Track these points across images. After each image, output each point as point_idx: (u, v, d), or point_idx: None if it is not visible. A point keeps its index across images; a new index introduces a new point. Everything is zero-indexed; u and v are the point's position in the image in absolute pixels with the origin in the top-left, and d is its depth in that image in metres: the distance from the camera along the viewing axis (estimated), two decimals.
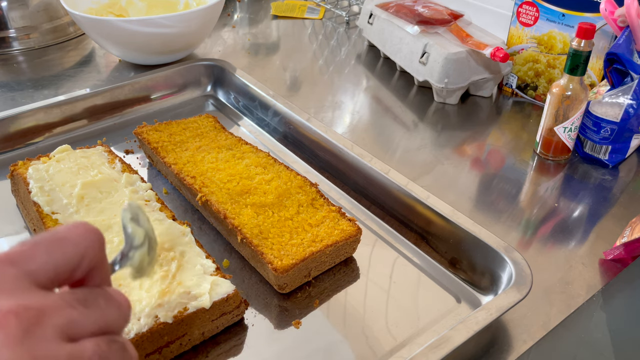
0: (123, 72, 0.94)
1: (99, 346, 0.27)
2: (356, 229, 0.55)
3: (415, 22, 0.89)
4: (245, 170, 0.62)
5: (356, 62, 1.01)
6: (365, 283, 0.55)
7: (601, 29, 0.74)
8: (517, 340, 0.49)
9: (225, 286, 0.47)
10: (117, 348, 0.28)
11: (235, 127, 0.81)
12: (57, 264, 0.28)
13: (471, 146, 0.77)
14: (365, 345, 0.48)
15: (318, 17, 1.21)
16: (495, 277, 0.52)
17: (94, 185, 0.57)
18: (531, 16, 0.82)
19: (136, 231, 0.37)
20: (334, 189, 0.68)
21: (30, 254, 0.27)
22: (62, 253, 0.28)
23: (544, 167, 0.73)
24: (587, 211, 0.65)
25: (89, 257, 0.29)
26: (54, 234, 0.28)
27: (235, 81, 0.85)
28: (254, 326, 0.50)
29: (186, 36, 0.90)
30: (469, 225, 0.55)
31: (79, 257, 0.28)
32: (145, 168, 0.71)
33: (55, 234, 0.28)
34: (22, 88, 0.89)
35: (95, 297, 0.29)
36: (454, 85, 0.84)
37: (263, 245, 0.52)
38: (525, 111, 0.85)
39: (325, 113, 0.84)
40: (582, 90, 0.68)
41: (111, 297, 0.30)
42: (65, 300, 0.27)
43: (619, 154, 0.72)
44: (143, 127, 0.70)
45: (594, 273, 0.56)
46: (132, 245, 0.37)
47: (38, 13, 1.03)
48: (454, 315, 0.51)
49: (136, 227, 0.38)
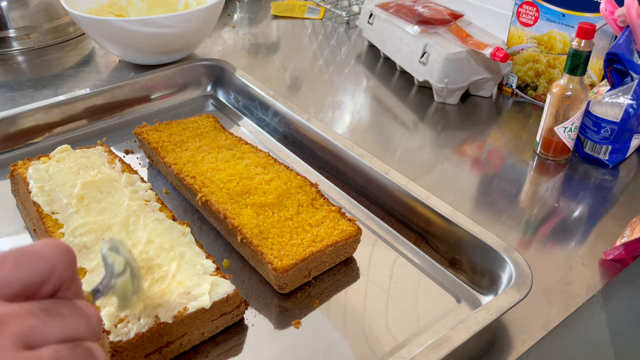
0: (123, 72, 0.94)
1: (58, 352, 0.27)
2: (356, 229, 0.55)
3: (415, 22, 0.89)
4: (245, 170, 0.62)
5: (356, 62, 1.01)
6: (365, 283, 0.55)
7: (601, 29, 0.74)
8: (517, 340, 0.49)
9: (225, 286, 0.47)
10: (80, 353, 0.28)
11: (235, 127, 0.81)
12: (23, 278, 0.27)
13: (471, 146, 0.77)
14: (365, 345, 0.48)
15: (318, 17, 1.21)
16: (495, 277, 0.52)
17: (94, 185, 0.57)
18: (531, 16, 0.82)
19: (115, 259, 0.37)
20: (334, 189, 0.68)
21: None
22: (30, 267, 0.28)
23: (544, 167, 0.73)
24: (587, 211, 0.65)
25: (58, 273, 0.29)
26: (23, 249, 0.28)
27: (235, 81, 0.85)
28: (254, 326, 0.50)
29: (186, 36, 0.90)
30: (469, 225, 0.55)
31: (47, 272, 0.28)
32: (145, 168, 0.71)
33: (24, 248, 0.28)
34: (22, 88, 0.89)
35: (59, 307, 0.28)
36: (454, 85, 0.84)
37: (263, 245, 0.52)
38: (525, 111, 0.85)
39: (325, 113, 0.84)
40: (582, 90, 0.68)
41: (78, 307, 0.29)
42: (26, 309, 0.27)
43: (619, 154, 0.72)
44: (143, 127, 0.70)
45: (594, 273, 0.56)
46: (113, 274, 0.37)
47: (38, 13, 1.03)
48: (454, 315, 0.51)
49: (115, 255, 0.38)
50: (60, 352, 0.27)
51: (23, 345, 0.26)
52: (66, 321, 0.28)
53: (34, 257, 0.28)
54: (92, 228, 0.51)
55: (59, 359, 0.26)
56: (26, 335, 0.26)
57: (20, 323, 0.26)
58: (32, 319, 0.27)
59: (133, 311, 0.43)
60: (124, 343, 0.42)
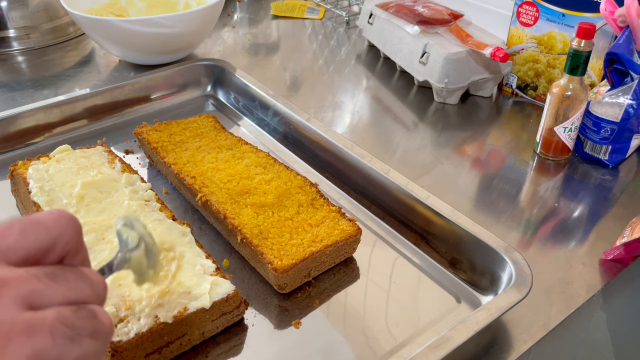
0: (123, 72, 0.94)
1: (61, 313, 0.27)
2: (356, 229, 0.55)
3: (415, 22, 0.89)
4: (245, 170, 0.62)
5: (356, 62, 1.01)
6: (365, 283, 0.55)
7: (601, 29, 0.74)
8: (517, 340, 0.49)
9: (225, 286, 0.47)
10: (84, 315, 0.28)
11: (235, 127, 0.81)
12: (28, 245, 0.28)
13: (471, 146, 0.77)
14: (365, 345, 0.48)
15: (318, 17, 1.21)
16: (495, 277, 0.52)
17: (94, 185, 0.57)
18: (531, 16, 0.82)
19: (129, 234, 0.38)
20: (334, 189, 0.68)
21: (3, 232, 0.28)
22: (35, 235, 0.28)
23: (544, 167, 0.73)
24: (587, 211, 0.65)
25: (63, 242, 0.29)
26: (29, 218, 0.29)
27: (235, 81, 0.85)
28: (254, 326, 0.50)
29: (186, 36, 0.90)
30: (469, 225, 0.55)
31: (52, 240, 0.29)
32: (145, 168, 0.71)
33: (30, 217, 0.29)
34: (22, 88, 0.89)
35: (64, 273, 0.29)
36: (454, 85, 0.84)
37: (263, 245, 0.52)
38: (525, 111, 0.85)
39: (325, 113, 0.84)
40: (582, 90, 0.68)
41: (83, 273, 0.30)
42: (30, 273, 0.27)
43: (619, 154, 0.72)
44: (143, 127, 0.70)
45: (594, 273, 0.56)
46: (127, 248, 0.38)
47: (38, 13, 1.03)
48: (454, 315, 0.51)
49: (129, 231, 0.38)
50: (63, 313, 0.27)
51: (25, 306, 0.26)
52: (70, 285, 0.28)
53: (39, 226, 0.29)
54: (92, 228, 0.51)
55: (61, 319, 0.27)
56: (29, 296, 0.26)
57: (23, 285, 0.26)
58: (35, 281, 0.27)
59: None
60: (124, 343, 0.42)
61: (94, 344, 0.28)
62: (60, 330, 0.26)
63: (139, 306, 0.44)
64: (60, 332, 0.26)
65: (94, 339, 0.28)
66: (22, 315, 0.26)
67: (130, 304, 0.45)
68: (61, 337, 0.26)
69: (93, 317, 0.28)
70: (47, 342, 0.26)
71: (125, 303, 0.45)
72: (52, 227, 0.29)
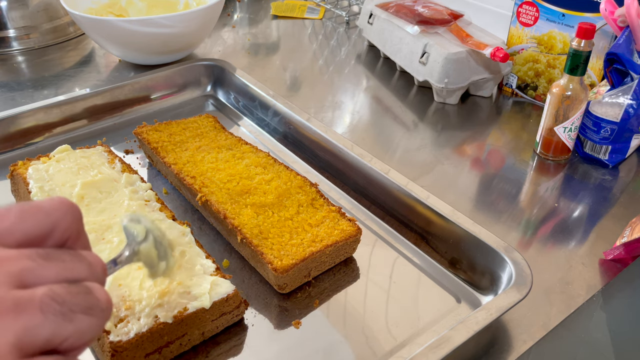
0: (123, 72, 0.94)
1: (52, 289, 0.26)
2: (356, 229, 0.55)
3: (415, 22, 0.89)
4: (245, 170, 0.62)
5: (356, 62, 1.01)
6: (365, 283, 0.55)
7: (601, 29, 0.74)
8: (517, 340, 0.49)
9: (225, 286, 0.47)
10: (77, 291, 0.27)
11: (235, 127, 0.81)
12: (26, 228, 0.27)
13: (471, 146, 0.77)
14: (365, 345, 0.48)
15: (318, 17, 1.21)
16: (495, 277, 0.52)
17: (94, 185, 0.57)
18: (531, 16, 0.82)
19: (136, 227, 0.38)
20: (334, 189, 0.68)
21: (1, 216, 0.27)
22: (33, 220, 0.28)
23: (544, 167, 0.73)
24: (587, 211, 0.65)
25: (62, 227, 0.29)
26: (27, 203, 0.28)
27: (235, 81, 0.85)
28: (254, 326, 0.50)
29: (186, 36, 0.90)
30: (469, 225, 0.55)
31: (50, 225, 0.28)
32: (145, 168, 0.71)
33: (28, 203, 0.29)
34: (22, 88, 0.89)
35: (60, 254, 0.28)
36: (454, 85, 0.84)
37: (263, 245, 0.52)
38: (525, 111, 0.85)
39: (325, 113, 0.84)
40: (582, 90, 0.68)
41: (79, 254, 0.29)
42: (23, 253, 0.27)
43: (619, 154, 0.72)
44: (143, 127, 0.70)
45: (594, 273, 0.56)
46: (136, 241, 0.38)
47: (38, 13, 1.03)
48: (454, 315, 0.51)
49: (135, 225, 0.38)
50: (54, 289, 0.26)
51: (16, 284, 0.25)
52: (65, 265, 0.28)
53: (38, 211, 0.28)
54: (92, 228, 0.51)
55: (52, 295, 0.26)
56: (20, 275, 0.26)
57: (14, 263, 0.26)
58: (27, 261, 0.26)
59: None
60: (124, 343, 0.42)
61: (88, 321, 0.27)
62: (51, 307, 0.25)
63: (139, 306, 0.44)
64: (51, 308, 0.25)
65: (88, 315, 0.27)
66: (10, 293, 0.25)
67: (130, 304, 0.45)
68: (52, 314, 0.25)
69: (87, 293, 0.27)
70: (37, 318, 0.25)
71: (125, 303, 0.45)
72: (51, 212, 0.29)
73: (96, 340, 0.45)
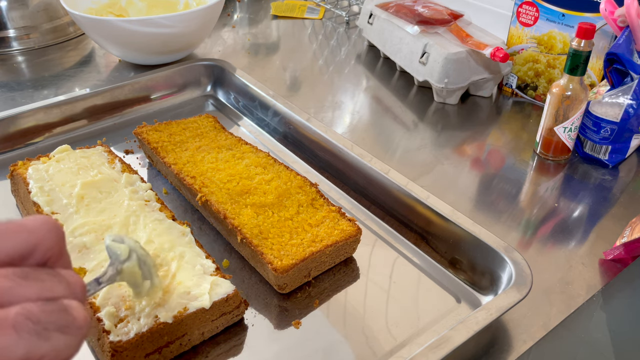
0: (123, 72, 0.94)
1: (26, 308, 0.25)
2: (356, 229, 0.55)
3: (415, 22, 0.89)
4: (245, 170, 0.62)
5: (356, 62, 1.01)
6: (365, 283, 0.55)
7: (601, 29, 0.74)
8: (517, 340, 0.49)
9: (225, 286, 0.47)
10: (52, 309, 0.26)
11: (235, 127, 0.81)
12: (7, 248, 0.27)
13: (471, 146, 0.77)
14: (365, 345, 0.48)
15: (318, 17, 1.21)
16: (495, 277, 0.52)
17: (93, 185, 0.57)
18: (531, 16, 0.82)
19: (119, 247, 0.38)
20: (334, 189, 0.68)
21: None
22: (14, 239, 0.27)
23: (544, 167, 0.73)
24: (587, 211, 0.65)
25: (44, 247, 0.28)
26: (10, 221, 0.28)
27: (235, 81, 0.85)
28: (254, 326, 0.50)
29: (186, 36, 0.90)
30: (469, 225, 0.55)
31: (32, 246, 0.28)
32: (145, 168, 0.71)
33: (11, 221, 0.28)
34: (22, 88, 0.89)
35: (38, 273, 0.28)
36: (454, 85, 0.84)
37: (263, 245, 0.52)
38: (525, 111, 0.85)
39: (325, 113, 0.84)
40: (582, 90, 0.68)
41: (58, 273, 0.28)
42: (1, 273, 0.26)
43: (619, 154, 0.72)
44: (143, 127, 0.70)
45: (594, 273, 0.56)
46: (119, 261, 0.38)
47: (38, 13, 1.03)
48: (454, 315, 0.51)
49: (118, 244, 0.38)
50: (29, 308, 0.25)
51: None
52: (44, 284, 0.27)
53: (20, 229, 0.28)
54: (92, 228, 0.51)
55: (26, 314, 0.25)
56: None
57: None
58: (4, 280, 0.26)
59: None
60: (124, 343, 0.42)
61: (64, 339, 0.26)
62: (25, 325, 0.25)
63: (139, 306, 0.44)
64: (25, 327, 0.25)
65: (64, 333, 0.26)
66: None
67: (130, 304, 0.45)
68: (26, 332, 0.25)
69: (63, 311, 0.27)
70: (11, 338, 0.24)
71: (125, 303, 0.45)
72: (33, 232, 0.28)
73: (96, 340, 0.45)
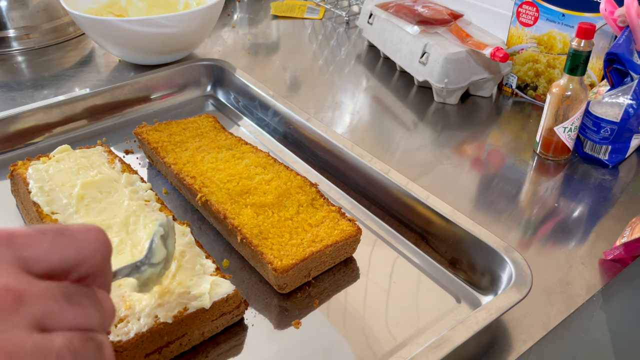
0: (123, 72, 0.94)
1: (71, 341, 0.26)
2: (356, 229, 0.55)
3: (415, 22, 0.89)
4: (245, 170, 0.62)
5: (356, 62, 1.01)
6: (365, 283, 0.55)
7: (601, 29, 0.74)
8: (517, 340, 0.49)
9: (225, 286, 0.47)
10: (91, 346, 0.27)
11: (235, 127, 0.81)
12: (53, 260, 0.27)
13: (471, 146, 0.77)
14: (365, 345, 0.48)
15: (318, 17, 1.21)
16: (495, 277, 0.52)
17: (93, 185, 0.57)
18: (531, 16, 0.82)
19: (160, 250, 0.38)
20: (334, 189, 0.68)
21: (32, 241, 0.27)
22: (63, 251, 0.28)
23: (544, 167, 0.73)
24: (587, 211, 0.65)
25: (89, 264, 0.29)
26: (64, 230, 0.28)
27: (235, 81, 0.85)
28: (254, 326, 0.50)
29: (186, 36, 0.90)
30: (468, 225, 0.55)
31: (78, 261, 0.28)
32: (145, 168, 0.71)
33: (65, 230, 0.28)
34: (22, 88, 0.89)
35: (81, 296, 0.28)
36: (454, 85, 0.84)
37: (263, 245, 0.52)
38: (525, 111, 0.85)
39: (325, 113, 0.84)
40: (582, 90, 0.68)
41: (98, 299, 0.29)
42: (49, 290, 0.27)
43: (619, 154, 0.72)
44: (143, 127, 0.70)
45: (594, 273, 0.56)
46: (150, 262, 0.38)
47: (38, 13, 1.03)
48: (454, 315, 0.51)
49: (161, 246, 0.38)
50: (73, 342, 0.26)
51: (37, 327, 0.26)
52: (83, 311, 0.28)
53: (71, 242, 0.28)
54: None
55: (71, 348, 0.26)
56: (42, 317, 0.26)
57: (39, 303, 0.26)
58: (52, 302, 0.26)
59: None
60: (124, 343, 0.42)
61: None
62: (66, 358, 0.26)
63: (139, 306, 0.44)
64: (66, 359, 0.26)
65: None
66: (32, 338, 0.25)
67: (130, 304, 0.45)
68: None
69: (98, 349, 0.28)
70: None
71: (125, 303, 0.45)
72: (84, 247, 0.28)
73: None
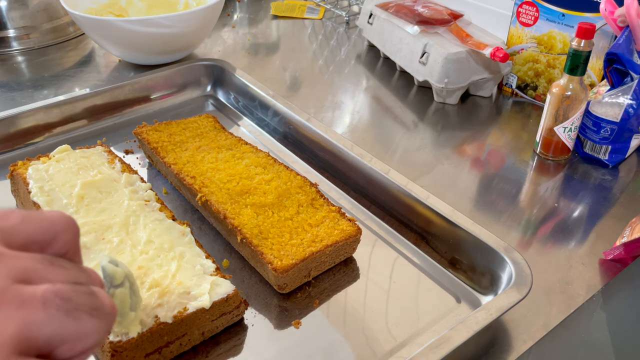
0: (123, 72, 0.94)
1: (56, 285, 0.25)
2: (356, 229, 0.55)
3: (415, 22, 0.89)
4: (245, 170, 0.62)
5: (356, 62, 1.01)
6: (365, 283, 0.55)
7: (601, 29, 0.74)
8: (517, 340, 0.49)
9: (225, 286, 0.47)
10: (82, 290, 0.26)
11: (235, 127, 0.81)
12: (29, 232, 0.27)
13: (471, 146, 0.77)
14: (365, 345, 0.48)
15: (318, 17, 1.21)
16: (495, 277, 0.52)
17: (93, 185, 0.57)
18: (531, 16, 0.82)
19: (115, 271, 0.37)
20: (334, 189, 0.68)
21: (5, 215, 0.27)
22: (37, 225, 0.28)
23: (544, 167, 0.73)
24: (587, 211, 0.65)
25: (63, 239, 0.28)
26: (29, 211, 0.28)
27: (235, 81, 0.85)
28: (254, 326, 0.50)
29: (186, 36, 0.90)
30: (469, 225, 0.55)
31: (52, 234, 0.28)
32: (145, 168, 0.71)
33: (30, 211, 0.28)
34: (22, 88, 0.89)
35: (63, 262, 0.28)
36: (454, 85, 0.84)
37: (263, 245, 0.52)
38: (525, 111, 0.85)
39: (325, 113, 0.84)
40: (582, 90, 0.68)
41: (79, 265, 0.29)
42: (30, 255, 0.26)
43: (618, 154, 0.72)
44: (143, 127, 0.70)
45: (594, 273, 0.56)
46: (112, 284, 0.37)
47: (38, 13, 1.03)
48: (454, 315, 0.51)
49: (114, 267, 0.37)
50: (59, 286, 0.25)
51: (20, 280, 0.24)
52: (68, 272, 0.27)
53: (41, 218, 0.28)
54: (92, 228, 0.51)
55: (57, 292, 0.24)
56: (24, 272, 0.25)
57: (19, 261, 0.25)
58: (32, 261, 0.26)
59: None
60: (124, 343, 0.42)
61: (92, 322, 0.25)
62: (55, 302, 0.24)
63: None
64: (54, 304, 0.24)
65: (92, 316, 0.25)
66: (13, 287, 0.24)
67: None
68: (55, 310, 0.24)
69: (91, 294, 0.26)
70: (40, 314, 0.24)
71: None
72: (54, 222, 0.28)
73: None
